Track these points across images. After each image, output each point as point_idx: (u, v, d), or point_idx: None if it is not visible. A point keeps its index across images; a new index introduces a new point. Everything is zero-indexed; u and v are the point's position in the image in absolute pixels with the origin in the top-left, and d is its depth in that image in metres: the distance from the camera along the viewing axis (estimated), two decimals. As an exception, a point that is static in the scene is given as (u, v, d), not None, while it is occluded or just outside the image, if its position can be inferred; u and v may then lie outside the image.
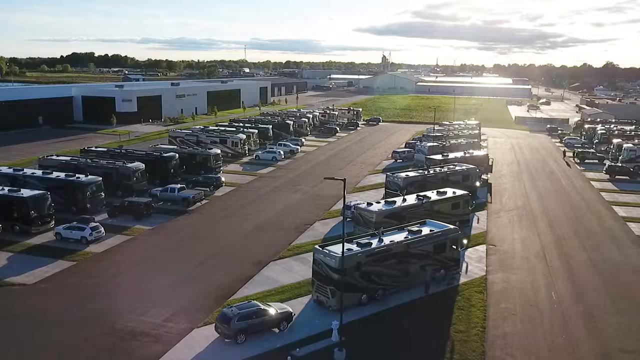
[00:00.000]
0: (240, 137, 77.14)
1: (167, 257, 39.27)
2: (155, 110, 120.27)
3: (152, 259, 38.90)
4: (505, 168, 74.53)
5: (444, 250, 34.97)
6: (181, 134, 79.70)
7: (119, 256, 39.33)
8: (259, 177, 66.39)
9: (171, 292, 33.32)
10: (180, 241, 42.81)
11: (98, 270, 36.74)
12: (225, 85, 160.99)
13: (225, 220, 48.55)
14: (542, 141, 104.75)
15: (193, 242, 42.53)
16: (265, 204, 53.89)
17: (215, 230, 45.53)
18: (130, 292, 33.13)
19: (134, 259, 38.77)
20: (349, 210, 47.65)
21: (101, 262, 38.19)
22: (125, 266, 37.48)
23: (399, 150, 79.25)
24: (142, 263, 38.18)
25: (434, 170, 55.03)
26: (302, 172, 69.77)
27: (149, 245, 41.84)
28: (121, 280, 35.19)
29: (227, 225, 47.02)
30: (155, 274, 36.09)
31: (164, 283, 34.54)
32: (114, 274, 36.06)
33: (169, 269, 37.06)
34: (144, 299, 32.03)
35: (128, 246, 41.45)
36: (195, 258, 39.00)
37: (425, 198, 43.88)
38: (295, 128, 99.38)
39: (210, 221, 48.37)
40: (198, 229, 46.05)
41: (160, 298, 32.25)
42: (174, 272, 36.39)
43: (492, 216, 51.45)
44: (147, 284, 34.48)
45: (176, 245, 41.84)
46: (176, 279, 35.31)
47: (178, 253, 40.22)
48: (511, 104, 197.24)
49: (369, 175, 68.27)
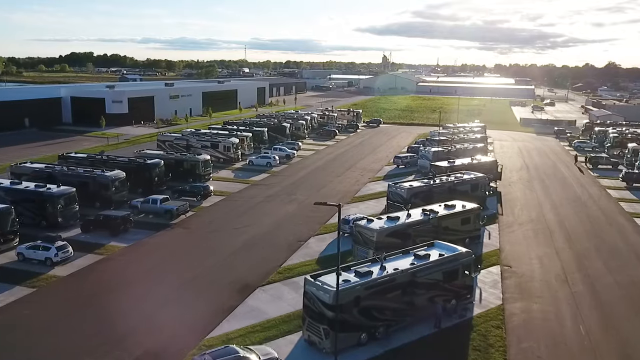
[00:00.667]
0: (232, 142, 72.59)
1: (140, 282, 34.76)
2: (148, 111, 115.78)
3: (124, 284, 34.36)
4: (515, 174, 69.98)
5: (455, 278, 30.44)
6: (170, 138, 75.13)
7: (86, 281, 34.79)
8: (251, 184, 61.84)
9: (139, 329, 28.70)
10: (158, 262, 38.29)
11: (59, 298, 32.20)
12: (222, 86, 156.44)
13: (211, 236, 44.03)
14: (550, 144, 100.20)
15: (172, 263, 38.00)
16: (256, 217, 49.37)
17: (199, 248, 41.00)
18: (91, 329, 28.52)
19: (102, 285, 34.22)
20: (347, 225, 43.30)
21: (65, 288, 33.67)
22: (90, 294, 32.91)
23: (401, 156, 74.66)
24: (110, 290, 33.63)
25: (440, 179, 50.50)
26: (297, 179, 65.21)
27: (122, 266, 37.31)
28: (82, 313, 30.60)
29: (213, 242, 42.49)
30: (124, 305, 31.49)
31: (132, 317, 29.91)
32: (76, 304, 31.51)
33: (141, 297, 32.50)
34: (107, 338, 27.49)
35: (98, 268, 36.92)
36: (172, 283, 34.48)
37: (432, 213, 39.31)
38: (292, 131, 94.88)
39: (194, 237, 43.85)
40: (180, 246, 41.53)
41: (126, 338, 27.66)
42: (146, 302, 31.84)
43: (504, 230, 46.90)
44: (113, 317, 29.86)
45: (153, 267, 37.33)
46: (147, 311, 30.70)
47: (154, 276, 35.70)
48: (515, 105, 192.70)
49: (369, 183, 63.67)
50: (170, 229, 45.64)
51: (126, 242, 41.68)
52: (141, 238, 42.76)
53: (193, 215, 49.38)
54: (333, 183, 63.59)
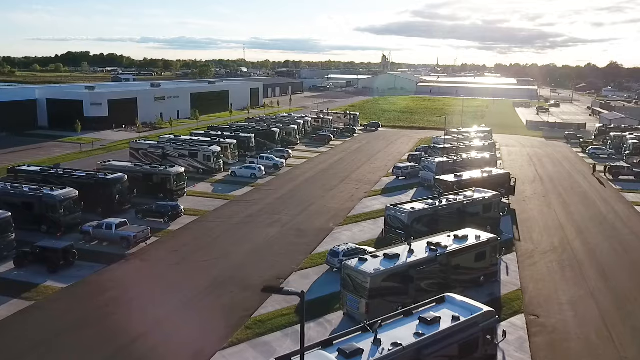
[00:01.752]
0: (213, 150, 64.97)
1: (67, 344, 27.16)
2: (130, 114, 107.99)
3: (47, 347, 26.81)
4: (528, 188, 62.44)
5: (475, 350, 22.93)
6: (144, 146, 67.40)
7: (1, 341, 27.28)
8: (230, 201, 54.27)
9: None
10: (96, 312, 30.60)
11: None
12: (212, 87, 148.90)
13: (172, 272, 36.46)
14: (562, 151, 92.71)
15: (114, 314, 30.36)
16: (230, 244, 41.81)
17: (153, 291, 33.36)
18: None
19: (21, 346, 26.70)
20: (336, 259, 35.88)
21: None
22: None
23: (401, 166, 67.00)
24: (30, 354, 26.11)
25: (446, 199, 42.96)
26: (284, 194, 57.64)
27: (52, 318, 29.71)
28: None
29: (171, 280, 34.89)
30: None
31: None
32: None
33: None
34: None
35: (20, 320, 29.35)
36: (107, 346, 26.90)
37: (439, 248, 31.80)
38: (283, 136, 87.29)
39: (151, 273, 36.29)
40: (130, 288, 33.89)
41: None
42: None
43: (524, 262, 39.36)
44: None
45: (90, 320, 29.63)
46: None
47: (86, 337, 28.05)
48: (518, 106, 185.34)
49: (365, 199, 56.08)
50: (125, 261, 38.10)
51: (66, 280, 34.13)
52: (86, 275, 35.22)
53: (156, 242, 41.85)
54: (324, 199, 56.04)
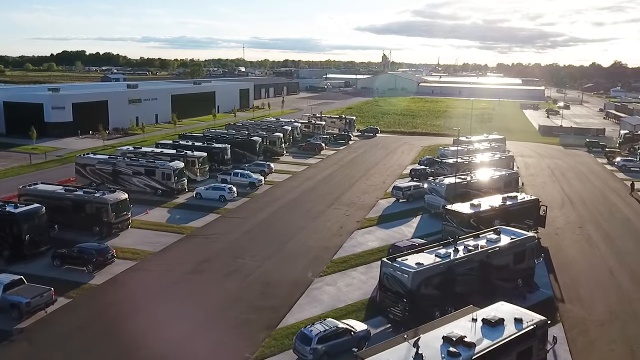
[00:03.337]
0: (173, 167, 53.37)
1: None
2: (99, 118, 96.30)
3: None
4: (558, 214, 50.80)
5: None
6: (92, 161, 55.57)
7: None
8: (186, 235, 42.69)
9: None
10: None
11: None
12: (197, 88, 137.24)
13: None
14: (586, 161, 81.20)
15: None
16: (165, 312, 30.23)
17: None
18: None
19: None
20: (308, 347, 24.58)
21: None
22: None
23: (401, 186, 55.20)
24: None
25: (464, 246, 31.39)
26: (255, 225, 46.07)
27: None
28: None
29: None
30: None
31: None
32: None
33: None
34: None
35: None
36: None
37: (462, 349, 20.32)
38: (266, 146, 75.82)
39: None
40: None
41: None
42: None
43: (576, 343, 27.75)
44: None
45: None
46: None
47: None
48: (526, 108, 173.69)
49: (357, 233, 44.45)
50: (8, 342, 26.67)
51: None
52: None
53: (63, 308, 30.33)
54: (305, 231, 44.50)
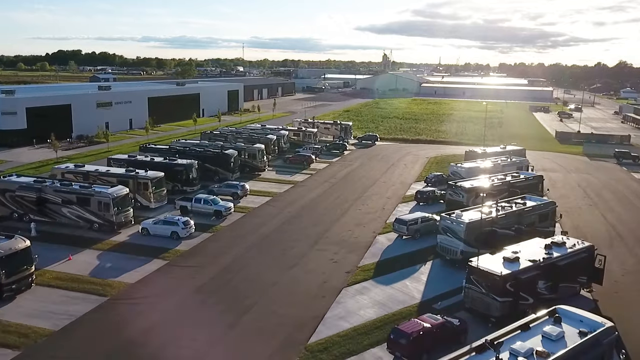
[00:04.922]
0: (112, 196, 41.40)
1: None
2: (61, 125, 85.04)
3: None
4: (610, 258, 38.29)
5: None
6: (12, 186, 43.60)
7: None
8: (105, 301, 30.88)
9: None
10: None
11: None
12: (180, 89, 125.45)
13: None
14: (620, 177, 69.45)
15: None
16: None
17: None
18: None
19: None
20: None
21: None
22: None
23: (406, 219, 42.61)
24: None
25: (510, 355, 19.52)
26: (210, 279, 34.10)
27: None
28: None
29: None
30: None
31: None
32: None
33: None
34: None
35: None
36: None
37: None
38: (245, 159, 64.08)
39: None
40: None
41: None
42: None
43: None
44: None
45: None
46: None
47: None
48: (536, 111, 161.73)
49: (346, 291, 32.44)
50: None
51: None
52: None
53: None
54: (276, 290, 32.60)
